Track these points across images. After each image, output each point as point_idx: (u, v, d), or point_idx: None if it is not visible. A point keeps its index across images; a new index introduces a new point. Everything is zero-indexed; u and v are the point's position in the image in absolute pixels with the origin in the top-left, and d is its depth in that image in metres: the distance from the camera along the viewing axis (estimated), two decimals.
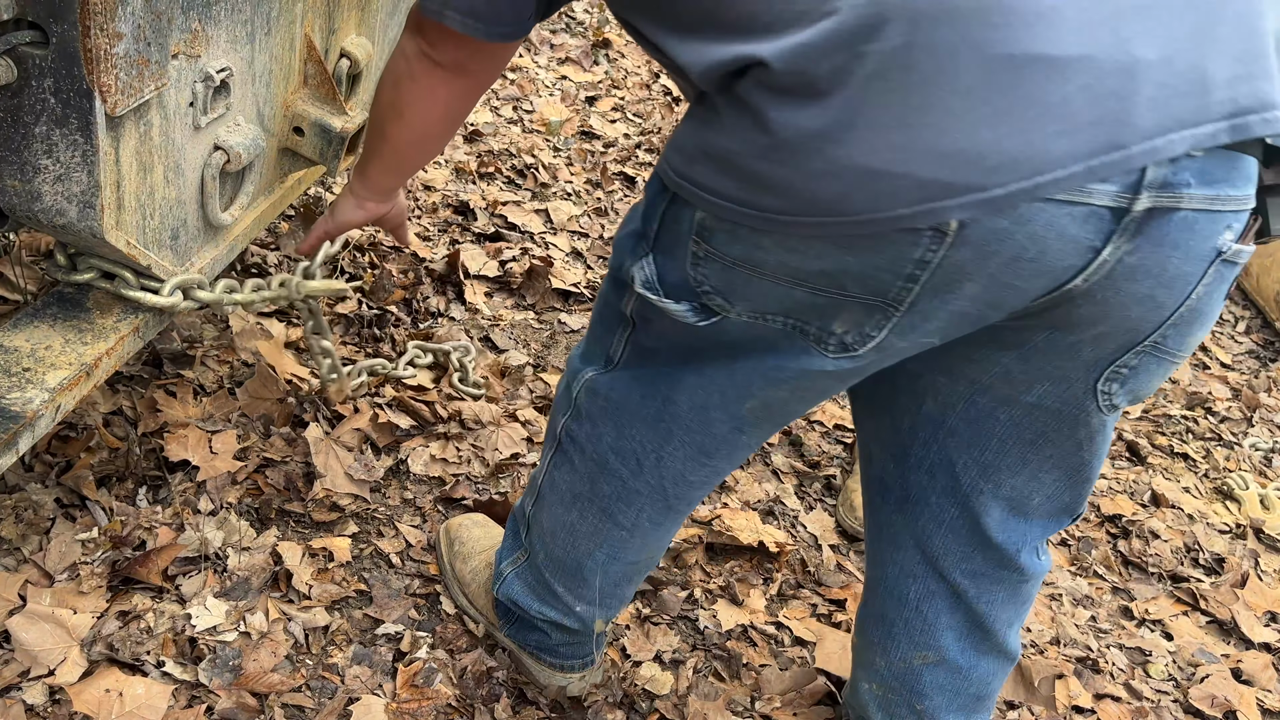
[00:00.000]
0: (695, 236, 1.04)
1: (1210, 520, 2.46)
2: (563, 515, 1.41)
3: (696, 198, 1.02)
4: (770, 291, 1.03)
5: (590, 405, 1.30)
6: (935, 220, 0.89)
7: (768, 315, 1.06)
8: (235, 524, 1.67)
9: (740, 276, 1.03)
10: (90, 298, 1.36)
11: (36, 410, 1.17)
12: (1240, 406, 2.96)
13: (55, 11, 1.02)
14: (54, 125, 1.10)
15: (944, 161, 0.88)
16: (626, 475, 1.31)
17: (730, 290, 1.06)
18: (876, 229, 0.92)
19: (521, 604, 1.54)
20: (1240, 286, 3.57)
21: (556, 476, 1.40)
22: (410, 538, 1.78)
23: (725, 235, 1.01)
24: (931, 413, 1.21)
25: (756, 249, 1.00)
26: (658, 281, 1.11)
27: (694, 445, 1.25)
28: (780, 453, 2.27)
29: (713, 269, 1.05)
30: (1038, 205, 0.88)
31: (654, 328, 1.18)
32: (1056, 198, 0.88)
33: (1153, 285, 0.96)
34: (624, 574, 1.46)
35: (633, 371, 1.25)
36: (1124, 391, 1.10)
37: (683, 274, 1.08)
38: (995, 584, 1.30)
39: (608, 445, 1.30)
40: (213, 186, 1.38)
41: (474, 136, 3.18)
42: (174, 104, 1.24)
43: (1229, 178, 0.92)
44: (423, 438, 1.98)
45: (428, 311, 2.36)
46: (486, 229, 2.75)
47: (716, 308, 1.08)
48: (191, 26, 1.21)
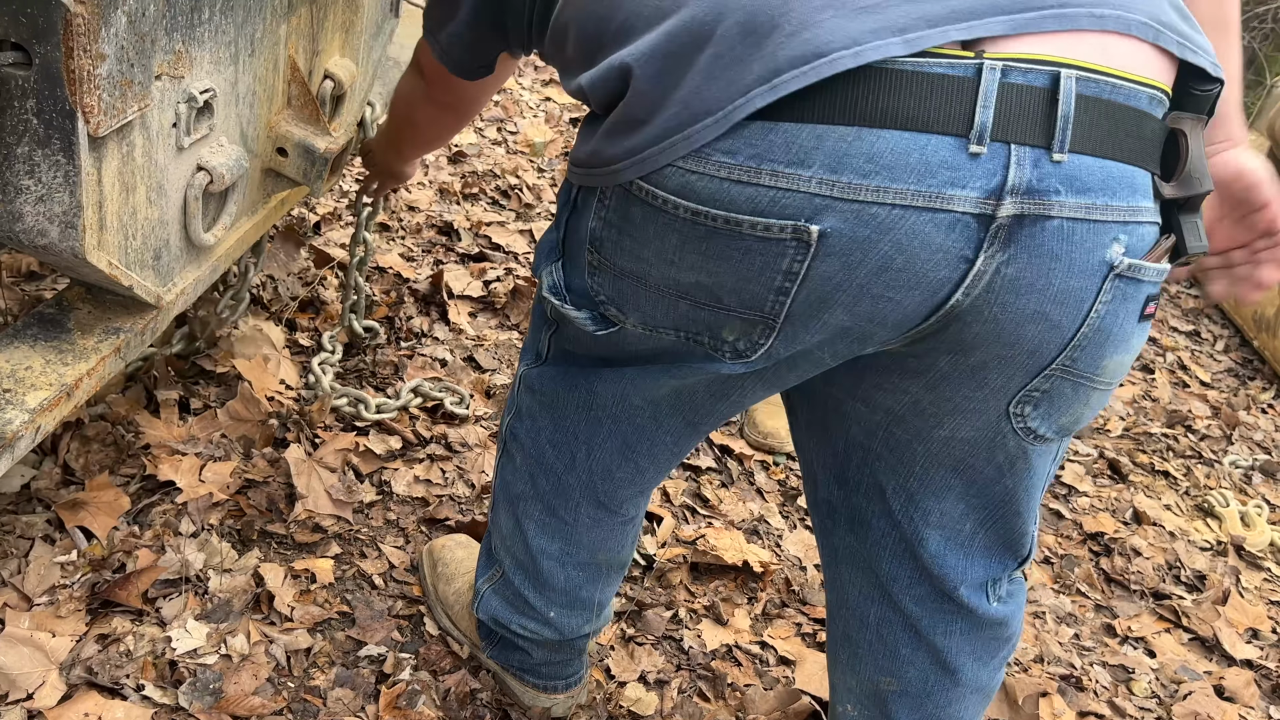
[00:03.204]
0: (589, 246, 1.05)
1: (1191, 537, 2.48)
2: (514, 515, 1.42)
3: (587, 177, 1.03)
4: (658, 304, 1.03)
5: (528, 401, 1.33)
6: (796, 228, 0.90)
7: (660, 328, 1.06)
8: (216, 545, 1.65)
9: (629, 287, 1.04)
10: (72, 318, 1.35)
11: (16, 432, 1.16)
12: (1220, 424, 2.98)
13: (38, 33, 1.02)
14: (36, 146, 1.10)
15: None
16: (561, 469, 1.32)
17: (622, 301, 1.06)
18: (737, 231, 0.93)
19: (501, 619, 1.53)
20: (1218, 306, 3.60)
21: (505, 477, 1.41)
22: (393, 559, 1.77)
23: (612, 245, 1.02)
24: (858, 438, 1.19)
25: (639, 260, 1.00)
26: (564, 288, 1.13)
27: (619, 436, 1.25)
28: (763, 473, 2.27)
29: (606, 279, 1.06)
30: (898, 212, 0.87)
31: (568, 329, 1.19)
32: (916, 205, 0.87)
33: (1040, 300, 0.93)
34: (584, 576, 1.44)
35: (559, 366, 1.27)
36: (1040, 416, 1.05)
37: (583, 282, 1.09)
38: (946, 615, 1.25)
39: (545, 439, 1.31)
40: (195, 207, 1.38)
41: (458, 158, 3.19)
42: (157, 125, 1.24)
43: (1104, 186, 0.90)
44: (405, 459, 1.98)
45: (411, 331, 2.36)
46: (471, 249, 2.75)
47: (613, 317, 1.09)
48: (175, 48, 1.21)
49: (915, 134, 0.86)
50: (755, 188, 0.89)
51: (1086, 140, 0.88)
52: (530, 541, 1.42)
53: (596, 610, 1.52)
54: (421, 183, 2.98)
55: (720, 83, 0.88)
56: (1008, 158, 0.87)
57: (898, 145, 0.86)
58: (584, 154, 1.04)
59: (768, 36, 0.87)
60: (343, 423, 2.00)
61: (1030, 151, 0.87)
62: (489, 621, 1.56)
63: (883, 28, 0.85)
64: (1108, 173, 0.90)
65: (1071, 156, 0.88)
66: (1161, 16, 0.93)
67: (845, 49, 0.85)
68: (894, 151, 0.86)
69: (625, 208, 0.99)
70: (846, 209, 0.88)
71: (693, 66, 0.90)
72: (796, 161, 0.87)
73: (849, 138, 0.86)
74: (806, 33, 0.86)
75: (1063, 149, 0.87)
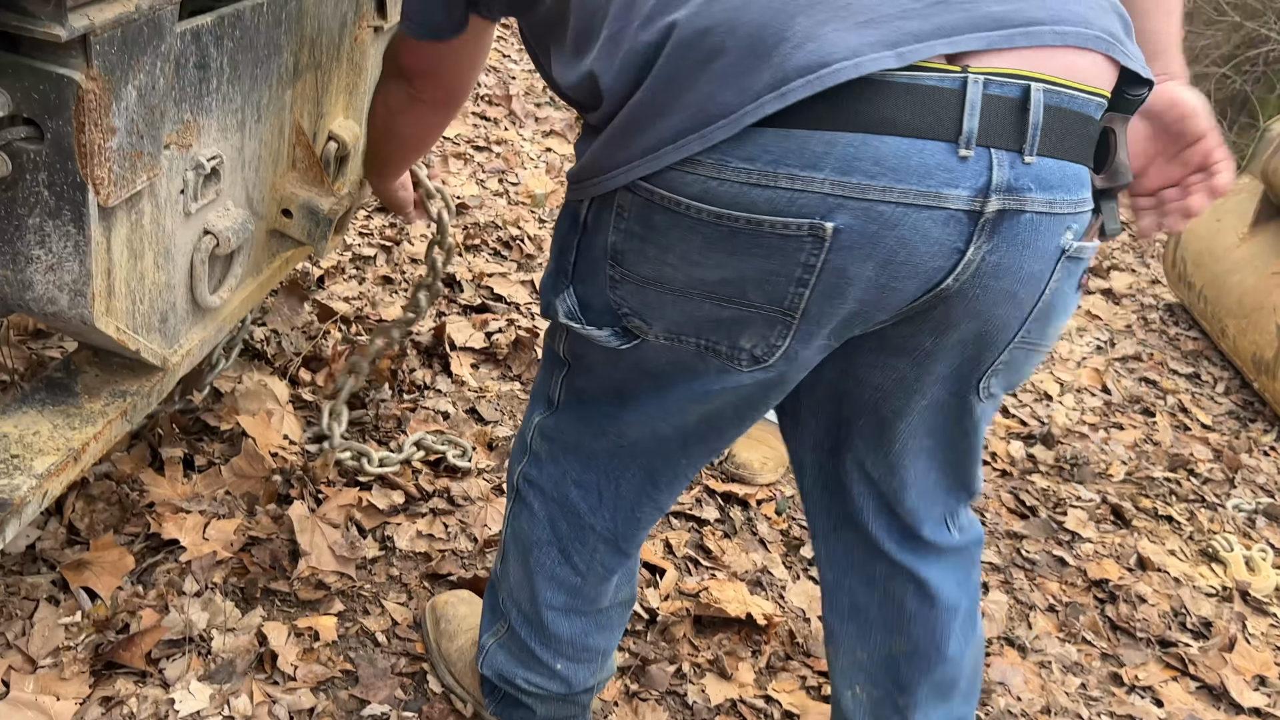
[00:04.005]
0: (610, 260, 1.11)
1: (1197, 583, 2.47)
2: (524, 564, 1.44)
3: (597, 186, 1.09)
4: (683, 308, 1.10)
5: (546, 448, 1.37)
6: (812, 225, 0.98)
7: (682, 336, 1.13)
8: (220, 604, 1.66)
9: (653, 294, 1.10)
10: (79, 382, 1.37)
11: (24, 497, 1.17)
12: (1222, 468, 2.98)
13: (51, 108, 1.05)
14: (47, 217, 1.12)
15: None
16: (584, 510, 1.37)
17: (646, 309, 1.12)
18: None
19: (506, 674, 1.53)
20: (1217, 348, 3.62)
21: (516, 526, 1.44)
22: (396, 615, 1.77)
23: (634, 255, 1.09)
24: (847, 414, 1.29)
25: (663, 265, 1.07)
26: (580, 311, 1.18)
27: (646, 470, 1.32)
28: (765, 523, 2.27)
29: (629, 289, 1.12)
30: (901, 209, 0.97)
31: (586, 363, 1.26)
32: (917, 203, 0.97)
33: (1012, 282, 1.05)
34: (592, 624, 1.48)
35: (575, 410, 1.32)
36: (1000, 382, 1.20)
37: (604, 299, 1.15)
38: (923, 556, 1.37)
39: (571, 480, 1.36)
40: (202, 270, 1.40)
41: (461, 209, 3.22)
42: (165, 192, 1.26)
43: (1063, 184, 1.02)
44: (408, 514, 1.98)
45: (414, 384, 2.37)
46: (473, 300, 2.77)
47: (636, 329, 1.15)
48: (184, 118, 1.23)
49: (913, 139, 0.95)
50: (773, 190, 0.97)
51: (1049, 144, 1.00)
52: (539, 592, 1.44)
53: (602, 660, 1.53)
54: (424, 235, 3.01)
55: (732, 89, 0.96)
56: (990, 160, 0.97)
57: (899, 150, 0.95)
58: (588, 164, 1.10)
59: (775, 48, 0.95)
60: (346, 477, 2.01)
61: (1007, 155, 0.98)
62: (493, 677, 1.56)
63: (877, 42, 0.94)
64: (1064, 172, 1.03)
65: (1038, 159, 1.00)
66: (1112, 29, 1.04)
67: (846, 60, 0.93)
68: (896, 155, 0.95)
69: (648, 216, 1.06)
70: (857, 207, 0.97)
71: (705, 73, 0.97)
72: (810, 165, 0.96)
73: (856, 143, 0.95)
74: (811, 44, 0.94)
75: (1032, 152, 0.99)
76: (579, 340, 1.22)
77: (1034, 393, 3.12)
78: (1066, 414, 3.05)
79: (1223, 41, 5.46)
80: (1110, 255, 4.28)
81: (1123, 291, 3.97)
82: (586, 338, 1.19)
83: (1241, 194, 3.64)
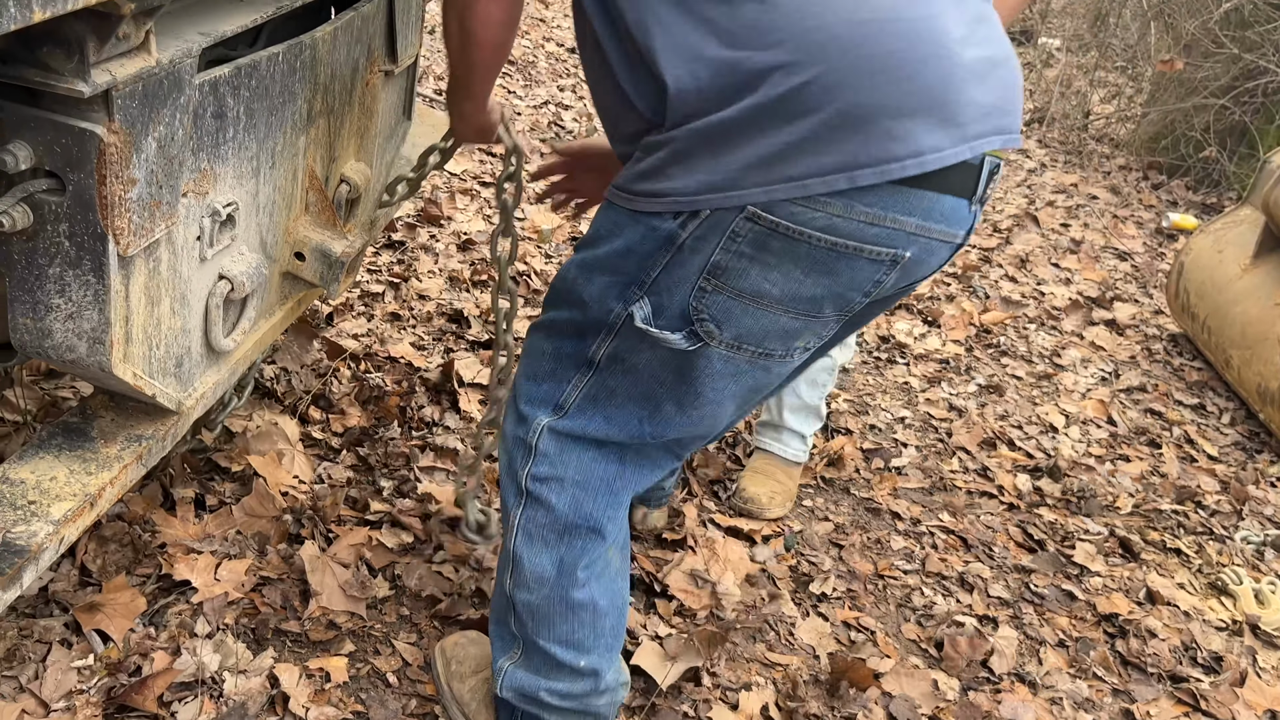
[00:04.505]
0: (707, 275, 1.29)
1: (1206, 617, 2.46)
2: (546, 557, 1.49)
3: (715, 200, 1.25)
4: (760, 319, 1.32)
5: (557, 444, 1.46)
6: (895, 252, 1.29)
7: (744, 344, 1.35)
8: (232, 646, 1.66)
9: (739, 306, 1.31)
10: (95, 426, 1.38)
11: (41, 543, 1.18)
12: (1230, 499, 2.98)
13: (73, 161, 1.06)
14: (67, 266, 1.13)
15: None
16: (611, 477, 1.48)
17: (726, 319, 1.32)
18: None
19: (528, 690, 1.55)
20: (1222, 378, 3.62)
21: (531, 528, 1.49)
22: (407, 655, 1.77)
23: (738, 272, 1.29)
24: None
25: (765, 282, 1.29)
26: (653, 317, 1.34)
27: (675, 442, 1.49)
28: (771, 560, 2.27)
29: (717, 300, 1.31)
30: (938, 243, 1.31)
31: (626, 365, 1.40)
32: (947, 240, 1.32)
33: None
34: (613, 601, 1.55)
35: (596, 409, 1.44)
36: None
37: (681, 307, 1.32)
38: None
39: (591, 461, 1.46)
40: (217, 314, 1.42)
41: (467, 245, 3.25)
42: (182, 239, 1.28)
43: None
44: (417, 554, 1.98)
45: (422, 421, 2.38)
46: (480, 337, 2.79)
47: (705, 334, 1.33)
48: (201, 166, 1.25)
49: (958, 199, 1.29)
50: (880, 228, 1.25)
51: None
52: (564, 577, 1.49)
53: (618, 644, 1.59)
54: (432, 271, 3.03)
55: (877, 146, 1.21)
56: (977, 213, 1.34)
57: (952, 205, 1.29)
58: (706, 182, 1.25)
59: (914, 118, 1.22)
60: (356, 515, 2.02)
61: (980, 207, 1.35)
62: (514, 698, 1.57)
63: (963, 139, 1.25)
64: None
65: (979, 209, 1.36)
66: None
67: (953, 149, 1.24)
68: (951, 209, 1.29)
69: (764, 242, 1.26)
70: (922, 242, 1.29)
71: (867, 127, 1.21)
72: (907, 213, 1.26)
73: (934, 200, 1.27)
74: (940, 129, 1.23)
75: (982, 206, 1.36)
76: (633, 344, 1.36)
77: (1039, 425, 3.12)
78: (1072, 446, 3.05)
79: (1221, 73, 5.50)
80: (1114, 286, 4.30)
81: (1126, 322, 3.98)
82: (658, 340, 1.34)
83: (1243, 225, 3.66)
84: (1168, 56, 5.68)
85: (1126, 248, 4.76)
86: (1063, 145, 6.13)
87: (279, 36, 1.44)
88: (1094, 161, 5.91)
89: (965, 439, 2.93)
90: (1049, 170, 5.68)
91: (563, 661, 1.52)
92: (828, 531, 2.41)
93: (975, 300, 3.88)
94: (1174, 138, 5.73)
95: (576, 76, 5.29)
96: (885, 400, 3.05)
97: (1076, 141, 6.16)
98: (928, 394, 3.14)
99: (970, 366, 3.38)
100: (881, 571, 2.32)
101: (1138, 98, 6.52)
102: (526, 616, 1.52)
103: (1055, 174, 5.61)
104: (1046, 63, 7.16)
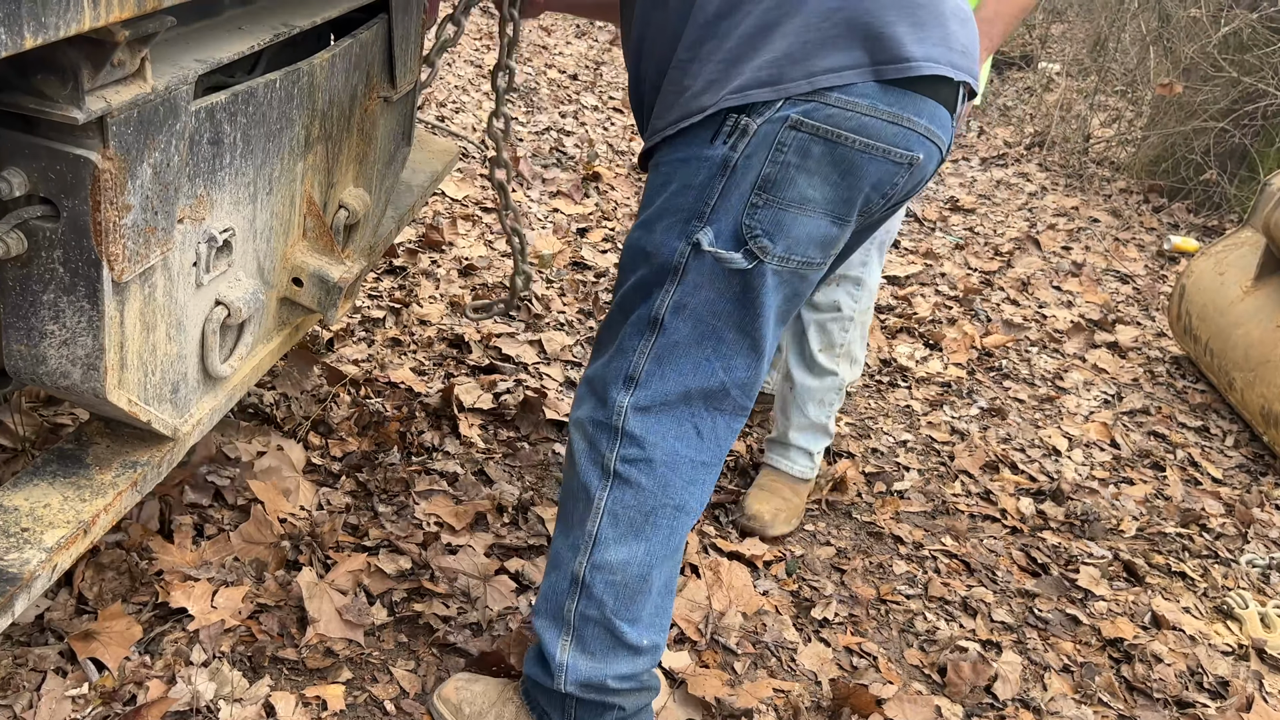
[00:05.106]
0: (757, 189, 1.42)
1: (1212, 641, 2.44)
2: (634, 537, 1.54)
3: (779, 90, 1.39)
4: (806, 226, 1.45)
5: (642, 421, 1.52)
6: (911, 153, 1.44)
7: (793, 256, 1.47)
8: (227, 674, 1.65)
9: (789, 217, 1.44)
10: (90, 453, 1.37)
11: (33, 571, 1.18)
12: (1234, 522, 2.96)
13: (67, 188, 1.07)
14: (62, 293, 1.13)
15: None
16: (693, 454, 1.55)
17: (777, 230, 1.44)
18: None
19: (594, 680, 1.56)
20: (1225, 401, 3.61)
21: (618, 509, 1.54)
22: (405, 683, 1.75)
23: (786, 182, 1.42)
24: None
25: (810, 188, 1.42)
26: (716, 240, 1.45)
27: (750, 357, 1.56)
28: (775, 584, 2.26)
29: (768, 213, 1.43)
30: (933, 146, 1.47)
31: (688, 310, 1.49)
32: (940, 145, 1.49)
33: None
34: (669, 577, 1.61)
35: (670, 368, 1.51)
36: None
37: (737, 227, 1.44)
38: None
39: (675, 438, 1.53)
40: (213, 340, 1.41)
41: (468, 270, 3.25)
42: (178, 265, 1.28)
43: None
44: (415, 581, 1.97)
45: (421, 446, 2.38)
46: (481, 362, 2.79)
47: (759, 250, 1.45)
48: (197, 192, 1.26)
49: (947, 109, 1.46)
50: (898, 128, 1.41)
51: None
52: (652, 554, 1.55)
53: (668, 622, 1.66)
54: (433, 296, 3.04)
55: (908, 45, 1.39)
56: (953, 125, 1.51)
57: (944, 114, 1.47)
58: (752, 79, 1.40)
59: (934, 30, 1.43)
60: (354, 541, 2.01)
61: (954, 121, 1.52)
62: (579, 690, 1.56)
63: (951, 62, 1.44)
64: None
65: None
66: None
67: (949, 66, 1.44)
68: (944, 117, 1.47)
69: (806, 147, 1.40)
70: (927, 146, 1.46)
71: (903, 19, 1.40)
72: (917, 113, 1.42)
73: (935, 106, 1.44)
74: (938, 46, 1.43)
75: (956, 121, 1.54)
76: (694, 281, 1.47)
77: (1042, 448, 3.11)
78: (1075, 469, 3.04)
79: (1220, 96, 5.52)
80: (1115, 308, 4.30)
81: (1128, 345, 3.97)
82: (721, 263, 1.45)
83: (1244, 248, 3.66)
84: (1167, 80, 5.70)
85: (1128, 270, 4.75)
86: (1063, 169, 6.15)
87: (278, 62, 1.45)
88: (1094, 185, 5.92)
89: (967, 462, 2.91)
90: (1050, 194, 5.69)
91: (630, 642, 1.56)
92: (829, 556, 2.40)
93: (977, 323, 3.87)
94: (1174, 161, 5.75)
95: (578, 103, 5.32)
96: (887, 423, 3.04)
97: (1077, 165, 6.18)
98: (929, 417, 3.13)
99: (972, 390, 3.38)
100: (884, 596, 2.30)
101: (1138, 121, 6.54)
102: (607, 597, 1.54)
103: (1056, 197, 5.62)
104: (1046, 87, 7.19)
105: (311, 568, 1.88)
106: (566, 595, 1.56)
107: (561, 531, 1.60)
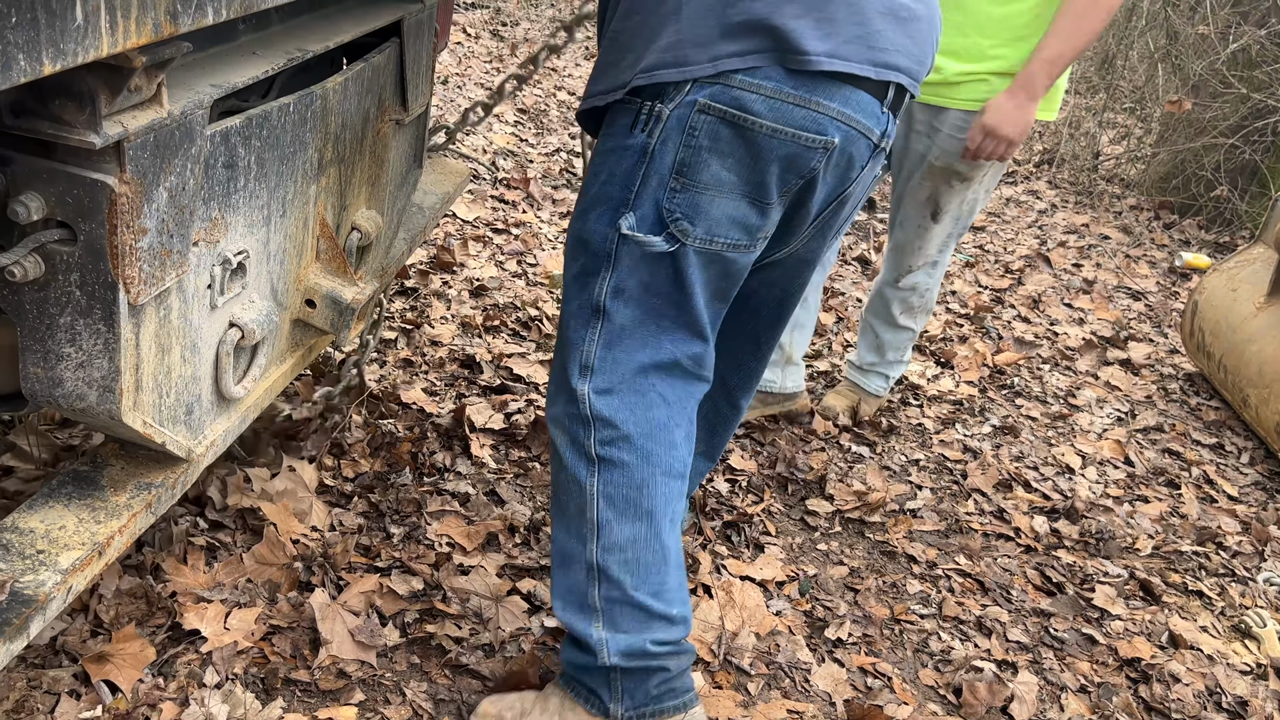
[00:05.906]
0: (674, 174, 1.47)
1: (1230, 660, 2.42)
2: (632, 513, 1.58)
3: (684, 73, 1.42)
4: (723, 206, 1.49)
5: (607, 402, 1.57)
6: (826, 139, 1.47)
7: (715, 238, 1.51)
8: (240, 696, 1.64)
9: (705, 199, 1.48)
10: (105, 475, 1.38)
11: (49, 593, 1.18)
12: (1251, 540, 2.94)
13: (84, 212, 1.08)
14: (78, 315, 1.14)
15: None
16: (666, 420, 1.60)
17: (695, 213, 1.49)
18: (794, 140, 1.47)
19: (635, 647, 1.58)
20: (1240, 417, 3.59)
21: (611, 491, 1.58)
22: (418, 704, 1.75)
23: (699, 165, 1.46)
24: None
25: (722, 170, 1.46)
26: (638, 225, 1.50)
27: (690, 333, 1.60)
28: (789, 605, 2.25)
29: (685, 197, 1.48)
30: (857, 134, 1.50)
31: (627, 294, 1.54)
32: (865, 134, 1.52)
33: (868, 188, 1.70)
34: (679, 548, 1.65)
35: (619, 348, 1.56)
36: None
37: (656, 211, 1.49)
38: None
39: (644, 407, 1.58)
40: (227, 362, 1.42)
41: (479, 291, 3.26)
42: (193, 287, 1.28)
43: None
44: (428, 601, 1.97)
45: (433, 466, 2.38)
46: (492, 382, 2.79)
47: (679, 233, 1.50)
48: (212, 215, 1.27)
49: (870, 97, 1.49)
50: (807, 111, 1.45)
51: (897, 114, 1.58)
52: (655, 523, 1.58)
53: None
54: (444, 317, 3.04)
55: (817, 39, 1.42)
56: (888, 119, 1.54)
57: (867, 100, 1.49)
58: (662, 59, 1.44)
59: (837, 23, 1.43)
60: (367, 562, 2.01)
61: (890, 116, 1.55)
62: (623, 660, 1.58)
63: (869, 62, 1.47)
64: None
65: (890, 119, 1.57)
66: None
67: (860, 65, 1.46)
68: (866, 103, 1.49)
69: (716, 131, 1.45)
70: (845, 131, 1.49)
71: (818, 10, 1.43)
72: (828, 98, 1.45)
73: (850, 92, 1.46)
74: (868, 41, 1.46)
75: (892, 119, 1.57)
76: (628, 265, 1.51)
77: (1055, 466, 3.09)
78: (1089, 487, 3.02)
79: (1230, 113, 5.51)
80: (1128, 325, 4.28)
81: (1141, 362, 3.95)
82: (643, 246, 1.50)
83: (1256, 264, 3.64)
84: (1176, 97, 5.71)
85: (1140, 287, 4.74)
86: (1073, 186, 6.14)
87: (292, 87, 1.46)
88: (1105, 202, 5.91)
89: (980, 480, 2.90)
90: (1060, 211, 5.68)
91: (659, 612, 1.59)
92: (843, 575, 2.39)
93: (988, 341, 3.87)
94: (1184, 177, 5.74)
95: None
96: (899, 442, 3.03)
97: (1086, 182, 6.17)
98: (942, 435, 3.12)
99: (984, 407, 3.36)
100: (898, 616, 2.29)
101: (1147, 138, 6.54)
102: (625, 576, 1.57)
103: (1066, 214, 5.62)
104: None
105: (324, 589, 1.88)
106: (586, 585, 1.59)
107: (562, 528, 1.62)
